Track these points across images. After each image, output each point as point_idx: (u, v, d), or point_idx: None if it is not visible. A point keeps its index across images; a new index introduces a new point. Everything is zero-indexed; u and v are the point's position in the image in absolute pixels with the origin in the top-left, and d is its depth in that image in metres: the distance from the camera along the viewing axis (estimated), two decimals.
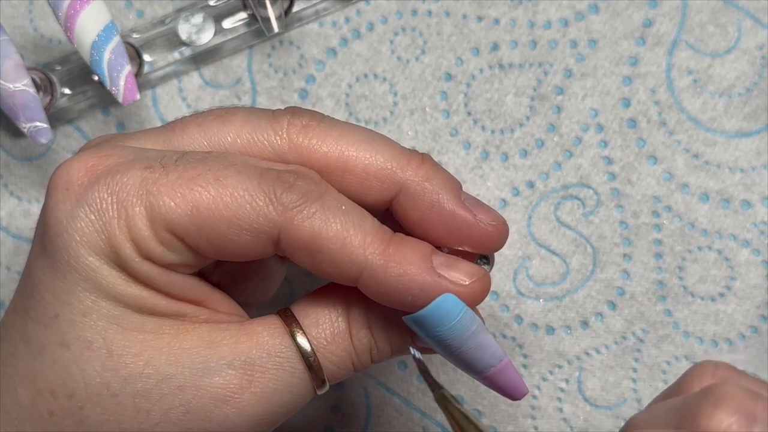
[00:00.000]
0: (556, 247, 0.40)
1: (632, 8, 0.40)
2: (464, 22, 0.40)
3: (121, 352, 0.29)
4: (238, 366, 0.30)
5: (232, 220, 0.29)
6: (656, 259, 0.40)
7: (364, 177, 0.31)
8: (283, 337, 0.30)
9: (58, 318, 0.29)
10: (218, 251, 0.30)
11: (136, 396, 0.29)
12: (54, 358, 0.29)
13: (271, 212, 0.29)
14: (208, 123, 0.31)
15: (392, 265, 0.29)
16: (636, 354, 0.40)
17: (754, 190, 0.40)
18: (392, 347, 0.32)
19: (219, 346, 0.30)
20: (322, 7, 0.40)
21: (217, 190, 0.29)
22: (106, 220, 0.29)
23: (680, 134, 0.40)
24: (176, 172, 0.29)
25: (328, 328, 0.31)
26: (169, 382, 0.29)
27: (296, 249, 0.29)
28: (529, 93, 0.40)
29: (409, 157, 0.31)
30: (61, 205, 0.29)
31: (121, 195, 0.29)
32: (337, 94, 0.41)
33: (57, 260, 0.29)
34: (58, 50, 0.41)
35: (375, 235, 0.30)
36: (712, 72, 0.40)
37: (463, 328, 0.29)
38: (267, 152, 0.31)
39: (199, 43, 0.40)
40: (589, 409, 0.40)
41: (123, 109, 0.41)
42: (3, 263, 0.41)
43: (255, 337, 0.30)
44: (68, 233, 0.29)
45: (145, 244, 0.29)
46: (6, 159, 0.41)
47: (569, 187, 0.40)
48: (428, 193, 0.31)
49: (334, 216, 0.29)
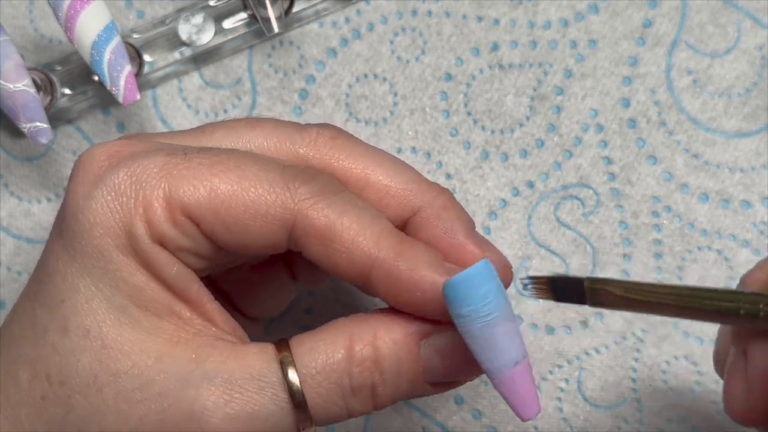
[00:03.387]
0: (555, 247, 0.40)
1: (632, 8, 0.40)
2: (464, 22, 0.40)
3: (114, 346, 0.29)
4: (219, 383, 0.29)
5: (249, 205, 0.29)
6: (656, 259, 0.40)
7: (383, 194, 0.31)
8: (271, 363, 0.29)
9: (63, 303, 0.30)
10: (232, 238, 0.30)
11: (117, 394, 0.29)
12: (54, 344, 0.30)
13: (288, 199, 0.29)
14: (237, 127, 0.32)
15: (404, 260, 0.29)
16: (636, 354, 0.40)
17: (754, 190, 0.40)
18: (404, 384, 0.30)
19: (205, 361, 0.29)
20: (322, 7, 0.40)
21: (237, 175, 0.29)
22: (122, 201, 0.29)
23: (680, 134, 0.40)
24: (198, 158, 0.30)
25: (321, 358, 0.30)
26: (150, 387, 0.29)
27: (310, 237, 0.29)
28: (529, 93, 0.40)
29: (429, 185, 0.32)
30: (80, 188, 0.30)
31: (141, 177, 0.29)
32: (337, 94, 0.41)
33: (71, 242, 0.30)
34: (59, 50, 0.41)
35: (390, 231, 0.30)
36: (712, 72, 0.40)
37: (498, 297, 0.28)
38: (293, 158, 0.32)
39: (199, 43, 0.40)
40: (588, 409, 0.40)
41: (123, 109, 0.41)
42: (3, 263, 0.41)
43: (243, 359, 0.30)
44: (83, 214, 0.29)
45: (159, 226, 0.29)
46: (6, 159, 0.41)
47: (569, 187, 0.40)
48: (443, 221, 0.31)
49: (350, 209, 0.30)
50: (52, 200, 0.41)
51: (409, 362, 0.30)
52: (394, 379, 0.30)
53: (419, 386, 0.31)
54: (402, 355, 0.30)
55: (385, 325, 0.30)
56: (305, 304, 0.41)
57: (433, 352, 0.30)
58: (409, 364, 0.30)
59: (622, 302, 0.28)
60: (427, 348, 0.30)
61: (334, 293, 0.41)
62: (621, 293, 0.27)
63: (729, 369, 0.29)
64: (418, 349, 0.30)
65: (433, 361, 0.30)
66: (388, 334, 0.30)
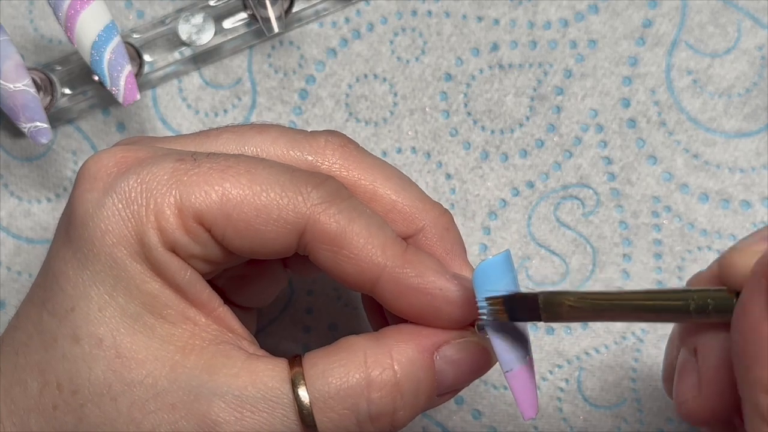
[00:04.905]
0: (555, 247, 0.40)
1: (632, 8, 0.40)
2: (464, 22, 0.40)
3: (128, 355, 0.29)
4: (230, 399, 0.29)
5: (261, 209, 0.29)
6: (656, 259, 0.40)
7: (389, 208, 0.31)
8: (283, 383, 0.29)
9: (73, 311, 0.29)
10: (244, 243, 0.29)
11: (132, 404, 0.29)
12: (64, 352, 0.29)
13: (300, 204, 0.29)
14: (243, 131, 0.32)
15: (411, 267, 0.30)
16: (636, 354, 0.40)
17: (754, 190, 0.40)
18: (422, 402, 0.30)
19: (218, 374, 0.29)
20: (322, 7, 0.40)
21: (248, 180, 0.29)
22: (134, 209, 0.29)
23: (680, 134, 0.40)
24: (208, 164, 0.29)
25: (335, 381, 0.29)
26: (163, 398, 0.29)
27: (320, 243, 0.29)
28: (529, 93, 0.40)
29: (433, 204, 0.32)
30: (89, 194, 0.30)
31: (151, 184, 0.29)
32: (337, 94, 0.41)
33: (81, 250, 0.29)
34: (59, 50, 0.41)
35: (395, 240, 0.30)
36: (712, 72, 0.40)
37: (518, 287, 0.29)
38: (301, 165, 0.31)
39: (199, 43, 0.40)
40: (588, 409, 0.40)
41: (123, 109, 0.41)
42: (3, 263, 0.41)
43: (255, 375, 0.29)
44: (94, 222, 0.29)
45: (171, 234, 0.29)
46: (6, 159, 0.41)
47: (569, 187, 0.40)
48: (445, 242, 0.32)
49: (359, 216, 0.30)
50: (52, 200, 0.41)
51: (427, 380, 0.30)
52: (413, 401, 0.30)
53: (433, 401, 0.31)
54: (420, 374, 0.30)
55: (399, 343, 0.30)
56: (305, 303, 0.41)
57: (446, 364, 0.30)
58: (427, 381, 0.30)
59: (574, 313, 0.28)
60: (440, 361, 0.30)
61: (335, 292, 0.41)
62: (572, 303, 0.28)
63: (679, 371, 0.29)
64: (433, 364, 0.30)
65: (446, 373, 0.30)
66: (404, 354, 0.30)
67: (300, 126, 0.41)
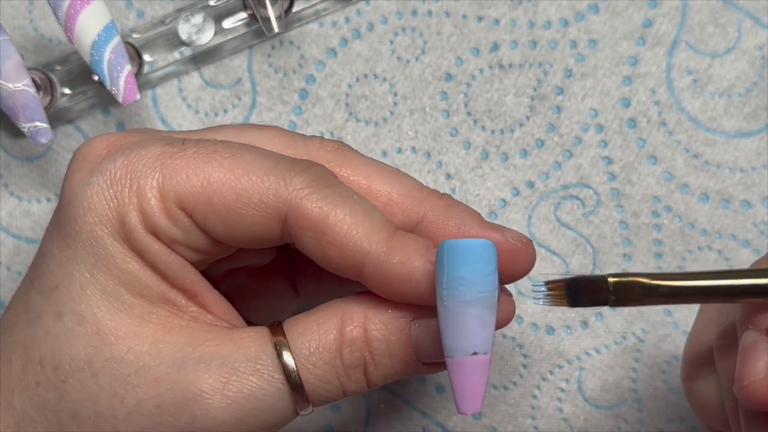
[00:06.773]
0: (556, 247, 0.40)
1: (632, 8, 0.40)
2: (464, 22, 0.40)
3: (108, 332, 0.29)
4: (215, 366, 0.29)
5: (242, 193, 0.29)
6: (656, 259, 0.40)
7: (386, 202, 0.31)
8: (266, 345, 0.30)
9: (57, 289, 0.30)
10: (226, 229, 0.30)
11: (113, 380, 0.29)
12: (47, 329, 0.30)
13: (282, 188, 0.29)
14: (243, 128, 0.32)
15: (395, 253, 0.29)
16: (636, 354, 0.40)
17: (754, 190, 0.40)
18: (396, 364, 0.31)
19: (201, 345, 0.30)
20: (322, 7, 0.40)
21: (231, 164, 0.29)
22: (117, 189, 0.29)
23: (680, 134, 0.40)
24: (194, 148, 0.30)
25: (314, 338, 0.30)
26: (146, 372, 0.29)
27: (303, 229, 0.29)
28: (529, 93, 0.40)
29: (430, 191, 0.32)
30: (77, 174, 0.30)
31: (137, 166, 0.29)
32: (337, 94, 0.41)
33: (65, 229, 0.30)
34: (58, 50, 0.41)
35: (382, 225, 0.30)
36: (712, 72, 0.40)
37: (486, 281, 0.28)
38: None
39: (199, 43, 0.40)
40: (589, 409, 0.40)
41: (123, 109, 0.41)
42: (3, 263, 0.41)
43: (238, 342, 0.30)
44: (78, 201, 0.30)
45: (152, 216, 0.29)
46: (6, 159, 0.41)
47: (569, 187, 0.40)
48: (452, 219, 0.31)
49: (344, 201, 0.30)
50: (52, 200, 0.41)
51: (400, 343, 0.30)
52: (384, 360, 0.30)
53: (413, 366, 0.31)
54: (391, 337, 0.30)
55: (376, 306, 0.30)
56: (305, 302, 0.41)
57: (424, 333, 0.30)
58: (400, 345, 0.30)
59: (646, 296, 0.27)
60: (417, 329, 0.30)
61: None
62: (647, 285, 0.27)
63: (746, 353, 0.28)
64: (409, 331, 0.30)
65: (425, 342, 0.30)
66: (378, 316, 0.30)
67: (300, 126, 0.41)
